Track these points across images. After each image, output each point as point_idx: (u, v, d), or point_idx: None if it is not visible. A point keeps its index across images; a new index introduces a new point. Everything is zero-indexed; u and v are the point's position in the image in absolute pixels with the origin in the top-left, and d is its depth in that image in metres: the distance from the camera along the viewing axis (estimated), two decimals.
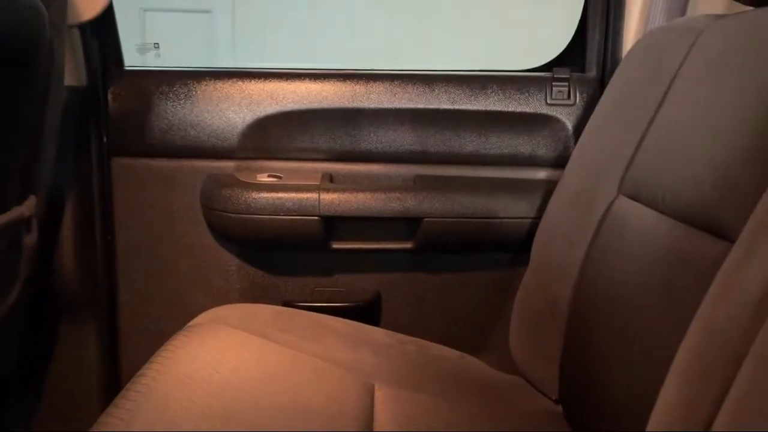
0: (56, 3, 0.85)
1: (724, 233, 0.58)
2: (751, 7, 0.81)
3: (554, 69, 1.14)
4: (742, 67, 0.67)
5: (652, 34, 0.91)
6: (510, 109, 1.13)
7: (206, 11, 6.67)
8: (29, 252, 0.90)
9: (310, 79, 1.14)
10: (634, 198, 0.78)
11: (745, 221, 0.50)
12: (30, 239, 0.89)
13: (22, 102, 0.82)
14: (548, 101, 1.12)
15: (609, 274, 0.79)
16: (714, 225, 0.61)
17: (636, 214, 0.77)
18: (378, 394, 0.83)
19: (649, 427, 0.49)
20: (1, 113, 0.79)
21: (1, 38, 0.73)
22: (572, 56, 1.17)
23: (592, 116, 0.98)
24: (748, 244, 0.48)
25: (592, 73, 1.14)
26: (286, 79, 1.14)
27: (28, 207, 0.87)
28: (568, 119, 1.12)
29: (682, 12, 0.99)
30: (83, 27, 1.03)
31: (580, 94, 1.12)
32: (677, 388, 0.48)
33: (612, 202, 0.82)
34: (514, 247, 1.08)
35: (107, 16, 1.07)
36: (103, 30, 1.08)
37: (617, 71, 0.95)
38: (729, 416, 0.41)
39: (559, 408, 0.88)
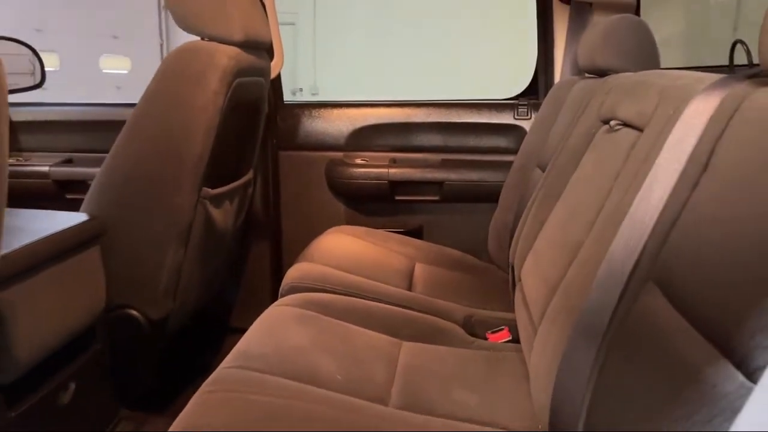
0: (266, 73, 1.75)
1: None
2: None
3: (519, 99, 1.97)
4: (578, 109, 1.49)
5: (557, 84, 1.74)
6: (494, 122, 1.97)
7: (291, 23, 7.60)
8: (249, 198, 1.82)
9: (383, 106, 2.02)
10: (540, 168, 1.62)
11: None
12: (250, 191, 1.81)
13: (254, 129, 1.74)
14: (515, 117, 1.95)
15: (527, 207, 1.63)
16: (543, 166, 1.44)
17: (538, 175, 1.61)
18: (417, 267, 1.70)
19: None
20: (249, 137, 1.70)
21: (248, 101, 1.64)
22: (533, 88, 2.00)
23: (530, 127, 1.81)
24: (547, 177, 1.32)
25: (542, 99, 1.95)
26: (370, 107, 2.02)
27: (251, 174, 1.79)
28: (526, 127, 1.94)
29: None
30: None
31: (534, 112, 1.94)
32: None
33: (533, 171, 1.66)
34: (493, 198, 1.85)
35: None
36: (275, 80, 1.98)
37: (542, 103, 1.78)
38: (534, 257, 1.27)
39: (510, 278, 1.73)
